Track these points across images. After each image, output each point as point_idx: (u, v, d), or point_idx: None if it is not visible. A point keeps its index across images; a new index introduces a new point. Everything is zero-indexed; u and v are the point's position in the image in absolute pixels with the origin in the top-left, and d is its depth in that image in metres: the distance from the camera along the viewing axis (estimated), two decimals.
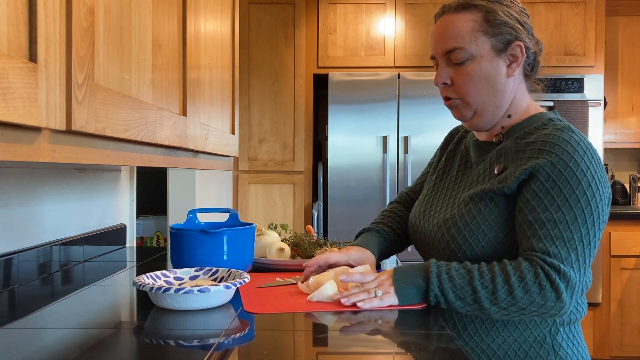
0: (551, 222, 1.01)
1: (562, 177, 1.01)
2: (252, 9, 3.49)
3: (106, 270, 1.46)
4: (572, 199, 1.01)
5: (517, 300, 0.99)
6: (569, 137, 1.05)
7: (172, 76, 1.12)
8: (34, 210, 1.38)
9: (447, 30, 1.12)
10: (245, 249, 1.32)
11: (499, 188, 1.08)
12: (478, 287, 1.00)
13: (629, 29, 3.75)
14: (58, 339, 0.87)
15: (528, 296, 0.98)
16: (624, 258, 3.44)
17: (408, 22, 3.47)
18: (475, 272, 1.02)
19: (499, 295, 0.99)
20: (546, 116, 1.14)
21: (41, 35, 0.60)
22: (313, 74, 3.51)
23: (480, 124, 1.16)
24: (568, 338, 1.10)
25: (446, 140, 1.36)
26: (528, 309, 1.00)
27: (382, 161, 3.32)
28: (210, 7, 1.45)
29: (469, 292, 1.01)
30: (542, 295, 0.98)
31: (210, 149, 1.42)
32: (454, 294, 1.02)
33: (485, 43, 1.09)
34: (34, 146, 0.62)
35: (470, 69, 1.10)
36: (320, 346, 0.87)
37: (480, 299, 1.00)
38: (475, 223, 1.08)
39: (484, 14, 1.10)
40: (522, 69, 1.14)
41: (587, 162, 1.02)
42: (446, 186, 1.24)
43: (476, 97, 1.12)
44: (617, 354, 3.44)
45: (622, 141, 3.80)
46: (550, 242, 1.00)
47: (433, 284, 1.03)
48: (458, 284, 1.01)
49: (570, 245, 1.00)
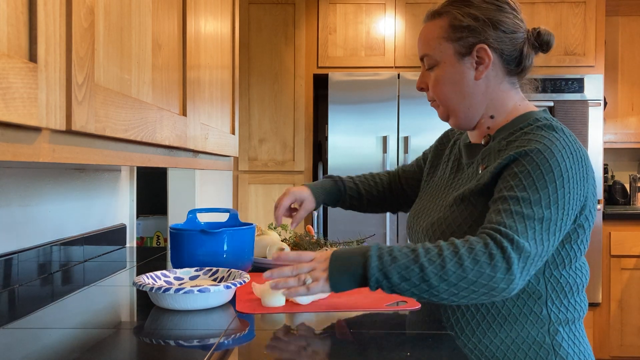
0: (514, 199, 0.98)
1: (533, 163, 1.00)
2: (252, 9, 3.49)
3: (106, 271, 1.46)
4: (539, 182, 0.99)
5: (466, 272, 0.92)
6: (547, 134, 1.04)
7: (172, 76, 1.12)
8: (34, 210, 1.38)
9: (421, 37, 1.18)
10: (245, 249, 1.32)
11: (476, 186, 1.08)
12: (425, 264, 0.93)
13: (629, 29, 3.75)
14: (58, 339, 0.87)
15: (478, 267, 0.92)
16: (624, 258, 3.44)
17: (408, 22, 3.47)
18: (420, 249, 0.96)
19: (447, 269, 0.92)
20: (533, 115, 1.12)
21: (41, 35, 0.60)
22: (313, 74, 3.51)
23: (458, 124, 1.18)
24: (569, 337, 1.09)
25: (440, 141, 1.38)
26: (478, 282, 0.93)
27: (382, 161, 3.32)
28: (210, 7, 1.45)
29: (416, 270, 0.93)
30: (493, 265, 0.92)
31: (210, 149, 1.42)
32: (399, 274, 0.93)
33: (447, 49, 1.12)
34: (34, 146, 0.62)
35: (437, 74, 1.15)
36: (320, 346, 0.87)
37: (428, 276, 0.93)
38: (458, 225, 1.08)
39: (450, 20, 1.12)
40: (500, 69, 1.13)
41: (564, 156, 1.01)
42: (438, 189, 1.25)
43: (445, 101, 1.16)
44: (617, 354, 3.44)
45: (622, 141, 3.80)
46: (508, 215, 0.97)
47: (373, 268, 0.94)
48: (402, 264, 0.94)
49: (528, 222, 0.96)
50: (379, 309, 1.05)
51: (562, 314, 1.09)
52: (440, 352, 0.85)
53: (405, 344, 0.87)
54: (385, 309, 1.05)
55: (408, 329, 0.96)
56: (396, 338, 0.91)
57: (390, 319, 1.01)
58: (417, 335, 0.93)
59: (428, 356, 0.84)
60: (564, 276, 1.08)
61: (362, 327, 0.96)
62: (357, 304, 1.07)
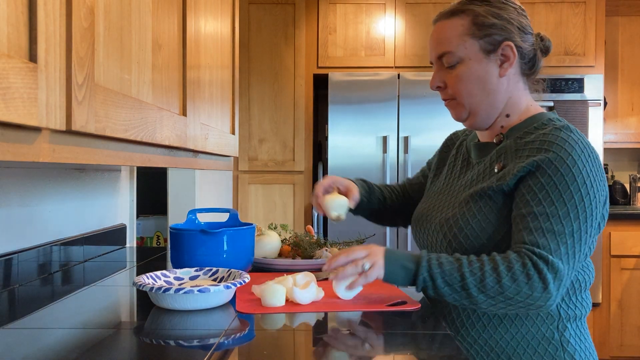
0: (543, 215, 1.02)
1: (558, 173, 1.03)
2: (252, 9, 3.49)
3: (106, 270, 1.46)
4: (566, 194, 1.02)
5: (504, 289, 1.00)
6: (567, 136, 1.06)
7: (172, 76, 1.12)
8: (34, 210, 1.38)
9: (439, 36, 1.17)
10: (245, 249, 1.32)
11: (497, 185, 1.09)
12: (466, 274, 1.01)
13: (629, 29, 3.75)
14: (58, 339, 0.87)
15: (515, 285, 0.99)
16: (624, 258, 3.44)
17: (408, 22, 3.47)
18: (464, 260, 1.03)
19: (486, 283, 1.00)
20: (546, 116, 1.15)
21: (41, 35, 0.60)
22: (313, 74, 3.51)
23: (476, 123, 1.19)
24: (576, 334, 1.11)
25: (445, 145, 1.38)
26: (515, 298, 1.00)
27: (382, 161, 3.32)
28: (210, 7, 1.45)
29: (457, 278, 1.01)
30: (530, 284, 0.99)
31: (210, 149, 1.42)
32: (443, 279, 1.02)
33: (473, 45, 1.13)
34: (34, 146, 0.62)
35: (460, 71, 1.14)
36: (320, 346, 0.87)
37: (468, 286, 1.01)
38: (475, 221, 1.10)
39: (472, 18, 1.13)
40: (518, 68, 1.16)
41: (583, 161, 1.04)
42: (447, 187, 1.26)
43: (468, 98, 1.15)
44: (617, 354, 3.44)
45: (622, 141, 3.80)
46: (540, 234, 1.01)
47: (423, 267, 1.03)
48: (447, 270, 1.02)
49: (560, 239, 1.01)
50: (379, 309, 1.05)
51: (570, 310, 1.11)
52: (441, 352, 0.85)
53: (405, 344, 0.87)
54: (385, 309, 1.05)
55: (408, 329, 0.96)
56: (396, 338, 0.91)
57: (390, 319, 1.01)
58: (417, 335, 0.93)
59: (428, 356, 0.84)
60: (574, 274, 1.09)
61: (362, 327, 0.96)
62: (357, 304, 1.07)
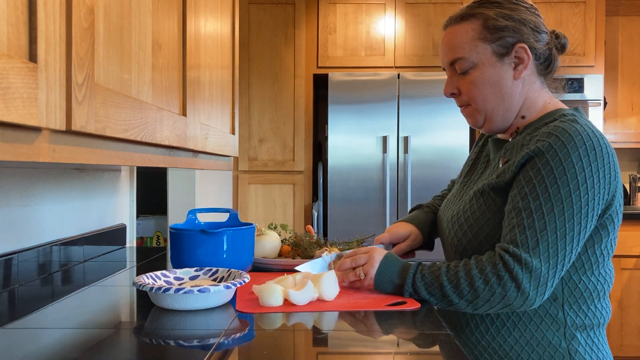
0: (527, 210, 1.00)
1: (547, 166, 0.99)
2: (252, 9, 3.49)
3: (106, 270, 1.46)
4: (552, 188, 0.98)
5: (479, 292, 1.01)
6: (569, 127, 1.01)
7: (172, 76, 1.12)
8: (34, 210, 1.38)
9: (450, 42, 1.14)
10: (245, 249, 1.31)
11: (497, 182, 1.08)
12: (444, 282, 1.04)
13: (629, 29, 3.75)
14: (58, 339, 0.87)
15: (489, 287, 1.00)
16: (624, 258, 3.44)
17: (408, 22, 3.47)
18: (443, 269, 1.05)
19: (462, 289, 1.02)
20: (560, 112, 1.10)
21: (41, 35, 0.60)
22: (313, 74, 3.51)
23: (493, 128, 1.16)
24: (586, 344, 1.07)
25: (476, 141, 1.36)
26: (492, 300, 1.00)
27: (382, 161, 3.32)
28: (210, 7, 1.45)
29: (437, 287, 1.04)
30: (502, 286, 0.99)
31: (210, 149, 1.42)
32: (426, 290, 1.06)
33: (485, 50, 1.10)
34: (34, 146, 0.62)
35: (474, 77, 1.11)
36: (320, 346, 0.87)
37: (447, 293, 1.03)
38: (476, 218, 1.10)
39: (483, 21, 1.10)
40: (533, 69, 1.13)
41: (582, 153, 0.98)
42: (467, 184, 1.26)
43: (484, 103, 1.13)
44: (617, 354, 3.44)
45: (622, 141, 3.80)
46: (521, 231, 1.00)
47: (408, 283, 1.08)
48: (428, 281, 1.05)
49: (541, 235, 0.98)
50: (379, 309, 1.05)
51: (579, 319, 1.06)
52: (441, 352, 0.85)
53: (405, 344, 0.87)
54: (385, 309, 1.05)
55: (408, 329, 0.96)
56: (397, 338, 0.91)
57: (390, 319, 1.01)
58: (417, 335, 0.93)
59: (428, 356, 0.84)
60: (583, 281, 1.06)
61: (362, 326, 0.96)
62: (357, 304, 1.07)
